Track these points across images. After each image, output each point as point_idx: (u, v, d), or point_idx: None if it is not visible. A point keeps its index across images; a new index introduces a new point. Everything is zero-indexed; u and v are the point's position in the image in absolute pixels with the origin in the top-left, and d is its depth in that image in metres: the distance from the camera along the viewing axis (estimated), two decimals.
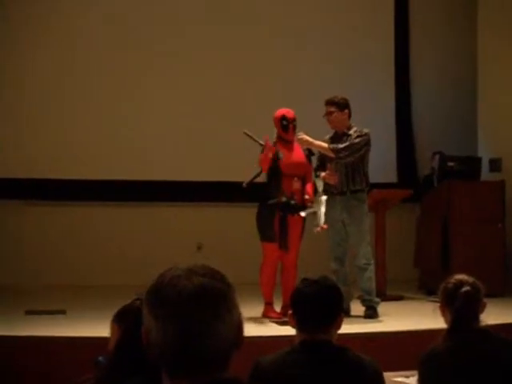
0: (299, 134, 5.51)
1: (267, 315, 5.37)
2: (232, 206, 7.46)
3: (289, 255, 5.39)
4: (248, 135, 5.45)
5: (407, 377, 3.31)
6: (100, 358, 2.21)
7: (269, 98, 7.13)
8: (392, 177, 8.21)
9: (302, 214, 5.25)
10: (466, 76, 8.32)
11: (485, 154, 7.69)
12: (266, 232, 5.34)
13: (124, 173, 7.51)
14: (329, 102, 5.63)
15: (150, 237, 7.51)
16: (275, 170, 5.33)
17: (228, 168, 7.43)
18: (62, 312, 5.51)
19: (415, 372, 2.95)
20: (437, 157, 7.65)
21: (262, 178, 5.44)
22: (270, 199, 5.29)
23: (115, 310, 2.21)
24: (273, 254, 5.36)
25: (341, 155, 5.51)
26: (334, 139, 5.63)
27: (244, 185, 5.42)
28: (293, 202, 5.27)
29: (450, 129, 8.40)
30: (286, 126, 5.43)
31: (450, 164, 7.31)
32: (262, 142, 5.40)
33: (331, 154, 5.52)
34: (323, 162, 5.67)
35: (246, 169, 5.58)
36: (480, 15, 7.94)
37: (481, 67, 7.89)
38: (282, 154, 5.39)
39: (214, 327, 1.31)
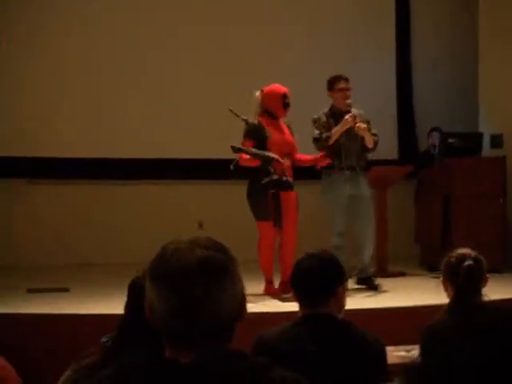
0: (357, 122, 5.55)
1: (268, 293, 5.37)
2: (232, 183, 7.44)
3: (287, 232, 5.35)
4: (232, 112, 5.40)
5: (408, 351, 3.33)
6: (104, 339, 2.21)
7: (264, 79, 7.10)
8: (393, 153, 8.19)
9: None
10: (467, 51, 8.26)
11: (486, 129, 7.65)
12: (259, 211, 5.30)
13: (125, 151, 7.51)
14: (348, 79, 5.71)
15: (152, 215, 7.52)
16: (263, 149, 5.25)
17: (227, 145, 7.39)
18: (65, 290, 5.52)
19: (417, 346, 2.97)
20: (435, 133, 7.63)
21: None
22: (260, 178, 5.22)
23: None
24: (268, 232, 5.32)
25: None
26: (335, 117, 5.62)
27: (231, 167, 5.29)
28: (285, 178, 5.22)
29: (451, 105, 8.36)
30: (287, 103, 5.38)
31: (451, 140, 7.29)
32: (244, 118, 5.34)
33: (371, 146, 5.65)
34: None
35: None
36: None
37: (482, 42, 7.83)
38: (270, 132, 5.33)
39: (216, 299, 1.31)
